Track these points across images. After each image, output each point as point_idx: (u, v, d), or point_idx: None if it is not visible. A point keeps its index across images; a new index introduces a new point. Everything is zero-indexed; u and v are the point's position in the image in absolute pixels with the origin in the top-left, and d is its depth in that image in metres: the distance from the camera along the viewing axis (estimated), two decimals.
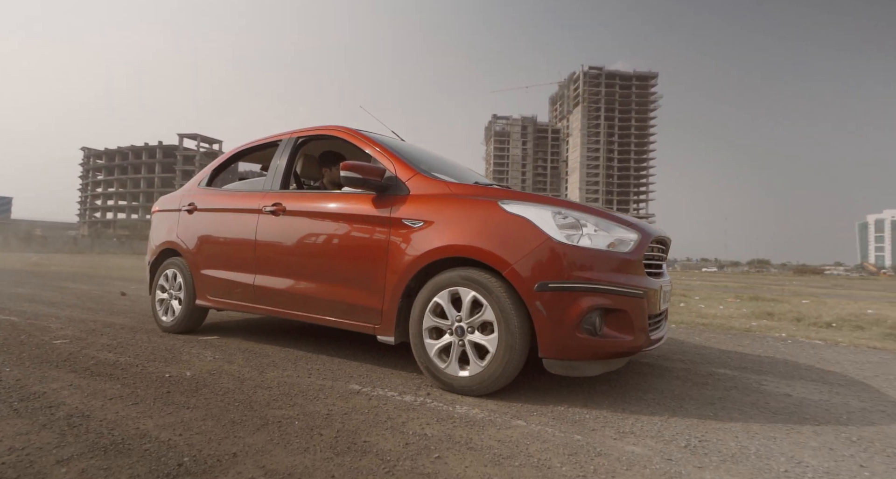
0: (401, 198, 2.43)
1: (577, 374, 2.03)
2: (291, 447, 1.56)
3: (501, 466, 1.47)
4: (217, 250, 3.23)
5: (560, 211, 2.09)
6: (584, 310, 1.94)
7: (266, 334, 3.58)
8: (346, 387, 2.27)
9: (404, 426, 1.76)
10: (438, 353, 2.20)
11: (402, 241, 2.34)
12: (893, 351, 3.80)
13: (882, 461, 1.62)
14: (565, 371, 2.02)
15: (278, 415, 1.86)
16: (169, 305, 3.50)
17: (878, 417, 2.09)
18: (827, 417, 2.07)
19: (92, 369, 2.43)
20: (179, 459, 1.45)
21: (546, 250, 1.99)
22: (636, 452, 1.60)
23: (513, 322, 1.99)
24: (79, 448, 1.51)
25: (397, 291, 2.33)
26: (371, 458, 1.50)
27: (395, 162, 2.57)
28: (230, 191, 3.46)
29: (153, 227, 3.82)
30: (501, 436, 1.70)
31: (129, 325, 3.78)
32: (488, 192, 2.29)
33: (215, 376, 2.39)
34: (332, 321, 2.62)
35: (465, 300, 2.11)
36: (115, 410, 1.86)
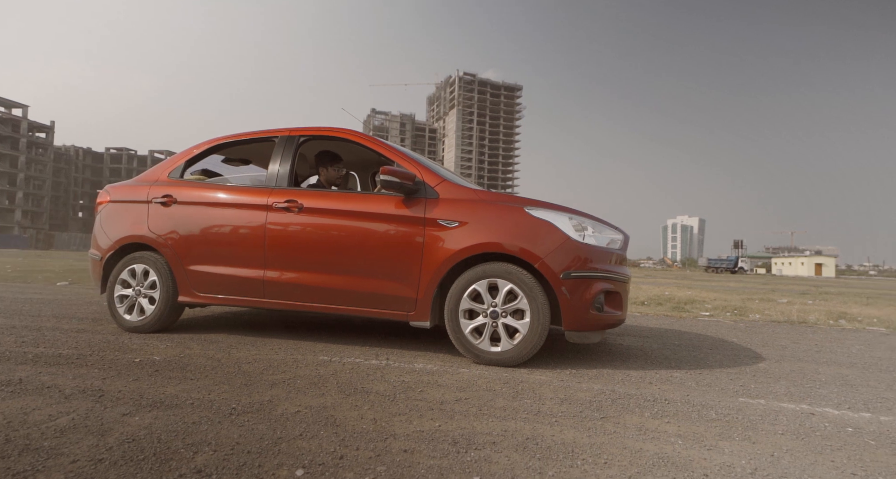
0: (432, 201, 2.87)
1: (587, 341, 2.71)
2: (310, 394, 2.05)
3: (465, 391, 2.16)
4: (211, 246, 3.25)
5: (571, 216, 2.79)
6: (596, 292, 2.66)
7: (199, 326, 3.76)
8: (317, 358, 2.74)
9: (385, 378, 2.34)
10: (471, 331, 2.74)
11: (438, 238, 2.79)
12: (678, 317, 5.43)
13: (652, 362, 2.69)
14: (580, 340, 2.70)
15: (278, 378, 2.29)
16: (135, 303, 3.41)
17: (666, 351, 3.26)
18: (640, 352, 3.16)
19: (63, 363, 2.53)
20: (228, 406, 1.86)
21: (568, 247, 2.66)
22: (540, 379, 2.42)
23: (543, 310, 2.61)
24: (129, 407, 1.82)
25: (434, 281, 2.77)
26: (374, 395, 2.07)
27: (420, 168, 3.00)
28: (222, 185, 3.46)
29: (105, 219, 3.62)
30: (457, 378, 2.39)
31: (47, 326, 3.62)
32: (511, 199, 2.87)
33: (186, 358, 2.65)
34: (362, 311, 2.94)
35: (503, 290, 2.66)
36: (123, 385, 2.12)
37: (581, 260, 2.67)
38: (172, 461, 1.39)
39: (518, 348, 2.64)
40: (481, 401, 2.02)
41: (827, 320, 5.96)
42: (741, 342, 3.82)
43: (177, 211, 3.41)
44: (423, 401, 2.00)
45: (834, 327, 5.26)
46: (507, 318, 2.68)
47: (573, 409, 1.93)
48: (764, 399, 2.14)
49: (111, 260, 3.54)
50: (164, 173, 3.63)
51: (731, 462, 1.44)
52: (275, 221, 3.14)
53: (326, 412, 1.83)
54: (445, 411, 1.88)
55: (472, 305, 2.74)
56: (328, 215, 3.06)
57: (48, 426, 1.61)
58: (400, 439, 1.59)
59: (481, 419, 1.80)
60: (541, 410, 1.91)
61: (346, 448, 1.50)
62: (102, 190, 3.81)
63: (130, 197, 3.59)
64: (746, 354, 3.30)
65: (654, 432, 1.69)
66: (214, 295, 3.27)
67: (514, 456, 1.46)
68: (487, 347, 2.71)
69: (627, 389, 2.27)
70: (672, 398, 2.12)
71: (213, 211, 3.32)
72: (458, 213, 2.82)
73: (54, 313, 4.27)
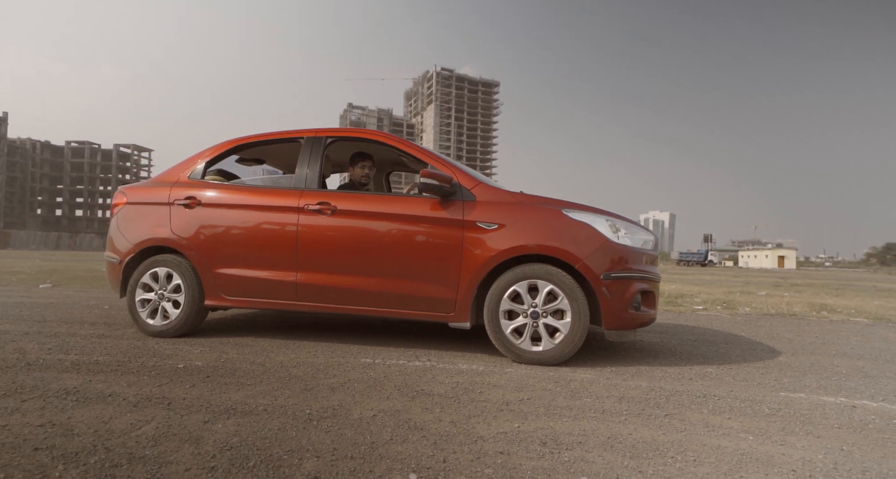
0: (470, 203, 2.91)
1: (625, 339, 2.79)
2: (375, 398, 2.09)
3: (522, 391, 2.23)
4: (239, 248, 3.22)
5: (607, 218, 2.87)
6: (634, 292, 2.75)
7: (219, 330, 3.72)
8: (359, 361, 2.77)
9: (437, 380, 2.39)
10: (512, 332, 2.80)
11: (477, 241, 2.83)
12: (676, 312, 5.69)
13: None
14: (618, 338, 2.79)
15: (333, 382, 2.31)
16: (158, 307, 3.34)
17: (686, 347, 3.41)
18: (664, 349, 3.31)
19: (106, 370, 2.48)
20: (302, 412, 1.88)
21: (607, 248, 2.74)
22: (586, 377, 2.52)
23: (584, 310, 2.68)
24: (205, 415, 1.82)
25: (474, 283, 2.82)
26: (438, 398, 2.12)
27: (455, 171, 3.03)
28: (248, 186, 3.41)
29: (123, 221, 3.52)
30: (507, 379, 2.46)
31: (63, 332, 3.52)
32: (548, 201, 2.94)
33: (228, 364, 2.64)
34: (400, 313, 2.97)
35: (543, 291, 2.73)
36: (184, 392, 2.11)
37: (619, 261, 2.77)
38: (283, 468, 1.41)
39: (559, 347, 2.72)
40: (543, 401, 2.09)
41: (811, 311, 6.28)
42: (749, 336, 4.01)
43: (201, 213, 3.35)
44: (488, 402, 2.06)
45: (822, 319, 5.56)
46: (548, 318, 2.76)
47: (634, 407, 2.03)
48: (803, 393, 2.29)
49: (131, 263, 3.46)
50: (183, 174, 3.55)
51: (810, 458, 1.54)
52: (307, 223, 3.14)
53: (402, 416, 1.87)
54: (515, 411, 1.95)
55: (512, 305, 2.80)
56: (363, 217, 3.07)
57: (137, 435, 1.61)
58: (488, 440, 1.64)
59: (554, 418, 1.87)
60: (604, 408, 2.00)
61: (443, 452, 1.55)
62: (118, 191, 3.70)
63: (150, 199, 3.51)
64: (760, 348, 3.48)
65: (721, 428, 1.80)
66: (243, 298, 3.25)
67: (607, 456, 1.54)
68: (529, 346, 2.78)
69: (673, 385, 2.38)
70: (718, 394, 2.24)
71: (241, 213, 3.29)
72: (496, 215, 2.88)
73: (59, 317, 4.14)
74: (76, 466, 1.38)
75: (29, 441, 1.54)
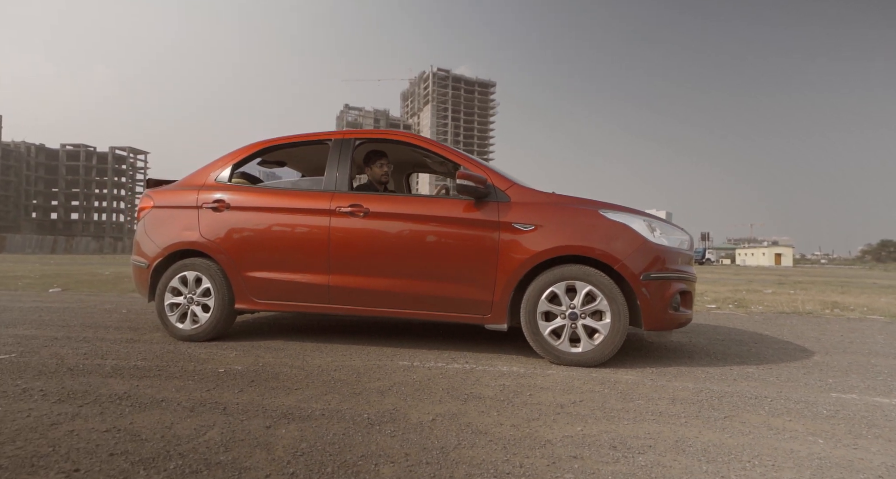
0: (504, 205, 2.90)
1: (664, 339, 2.80)
2: (427, 401, 2.07)
3: (572, 393, 2.22)
4: (270, 252, 3.20)
5: (644, 218, 2.87)
6: (673, 292, 2.75)
7: (245, 334, 3.70)
8: (397, 364, 2.76)
9: (482, 382, 2.38)
10: (549, 333, 2.79)
11: (514, 242, 2.83)
12: (693, 310, 5.64)
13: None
14: (657, 338, 2.80)
15: (380, 386, 2.30)
16: (187, 311, 3.32)
17: (718, 346, 3.41)
18: (696, 348, 3.30)
19: (150, 375, 2.46)
20: (360, 416, 1.87)
21: (646, 249, 2.74)
22: (630, 378, 2.51)
23: (623, 310, 2.68)
24: (264, 419, 1.80)
25: (511, 284, 2.81)
26: (490, 401, 2.10)
27: (488, 172, 3.02)
28: (277, 189, 3.40)
29: (151, 225, 3.50)
30: (551, 381, 2.45)
31: (91, 336, 3.49)
32: (583, 201, 2.93)
33: (268, 368, 2.62)
34: (435, 315, 2.96)
35: (582, 292, 2.72)
36: (235, 397, 2.09)
37: (658, 261, 2.76)
38: (362, 474, 1.40)
39: (600, 348, 2.71)
40: (596, 403, 2.08)
41: (824, 309, 6.30)
42: (775, 335, 4.02)
43: (231, 216, 3.34)
44: (541, 405, 2.05)
45: (839, 317, 5.58)
46: (586, 319, 2.75)
47: (689, 409, 2.02)
48: (854, 394, 2.28)
49: (159, 267, 3.43)
50: (210, 177, 3.54)
51: (892, 463, 1.53)
52: (339, 225, 3.12)
53: (461, 420, 1.86)
54: (573, 414, 1.94)
55: (550, 307, 2.80)
56: (396, 219, 3.06)
57: (206, 441, 1.59)
58: (557, 445, 1.64)
59: (613, 421, 1.87)
60: (660, 411, 1.99)
61: (516, 456, 1.54)
62: (144, 195, 3.68)
63: (178, 202, 3.49)
64: (790, 347, 3.49)
65: (787, 431, 1.79)
66: (274, 301, 3.24)
67: (682, 460, 1.53)
68: (567, 348, 2.77)
69: (720, 386, 2.38)
70: (769, 395, 2.23)
71: (272, 216, 3.28)
72: (532, 216, 2.87)
73: (82, 322, 4.11)
74: (157, 472, 1.37)
75: (102, 447, 1.53)
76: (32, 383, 2.24)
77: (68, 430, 1.67)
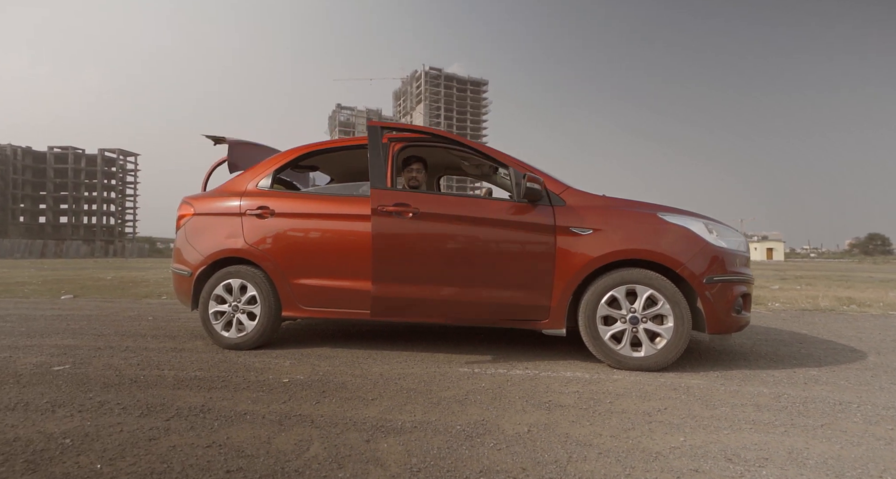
0: (560, 208, 2.87)
1: (725, 342, 2.76)
2: (510, 410, 2.04)
3: (650, 400, 2.19)
4: (319, 258, 3.15)
5: (703, 220, 2.86)
6: (736, 295, 2.73)
7: (290, 342, 3.66)
8: (458, 370, 2.72)
9: (554, 389, 2.35)
10: (610, 337, 2.76)
11: (571, 246, 2.80)
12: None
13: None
14: (719, 342, 2.80)
15: (453, 395, 2.26)
16: (233, 319, 3.26)
17: (764, 347, 3.41)
18: (743, 350, 3.30)
19: (215, 387, 2.41)
20: (452, 428, 1.83)
21: (707, 252, 2.74)
22: (699, 383, 2.50)
23: (686, 314, 2.66)
24: (360, 433, 1.76)
25: (570, 289, 2.79)
26: (574, 410, 2.07)
27: (541, 176, 2.96)
28: (322, 195, 3.36)
29: (192, 232, 3.43)
30: (622, 386, 2.42)
31: (133, 346, 3.42)
32: (640, 204, 2.91)
33: (329, 377, 2.57)
34: (490, 320, 2.92)
35: (643, 296, 2.71)
36: (314, 409, 2.05)
37: (720, 264, 2.75)
38: None
39: (662, 353, 2.70)
40: (682, 411, 2.05)
41: (841, 305, 6.33)
42: (814, 334, 4.02)
43: (276, 223, 3.28)
44: (627, 413, 2.03)
45: (863, 313, 5.60)
46: (647, 323, 2.74)
47: (781, 416, 1.99)
48: None
49: (203, 275, 3.37)
50: (251, 183, 3.47)
51: None
52: (387, 229, 3.07)
53: (557, 430, 1.83)
54: (665, 423, 1.91)
55: (609, 311, 2.78)
56: (447, 222, 2.96)
57: (313, 457, 1.55)
58: (669, 457, 1.61)
59: (711, 431, 1.84)
60: (752, 419, 1.97)
61: (635, 470, 1.51)
62: (183, 202, 3.61)
63: (220, 209, 3.43)
64: (837, 346, 3.48)
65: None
66: (322, 308, 3.19)
67: (810, 475, 1.49)
68: (629, 352, 2.75)
69: (796, 391, 2.36)
70: (851, 400, 2.21)
71: (318, 222, 3.23)
72: (590, 220, 2.85)
73: (115, 331, 4.03)
74: None
75: (214, 463, 1.49)
76: (104, 396, 2.18)
77: (169, 445, 1.62)
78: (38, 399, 2.14)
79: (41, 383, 2.41)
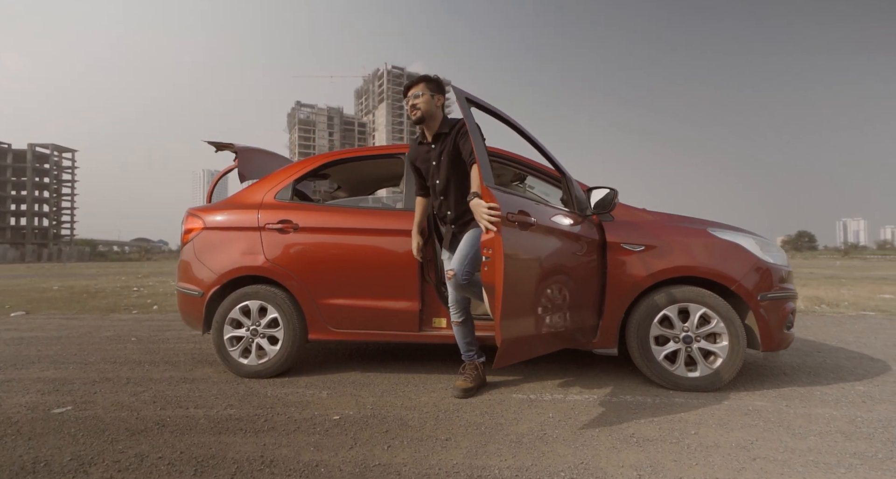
0: (608, 224, 2.79)
1: (774, 360, 2.74)
2: (603, 448, 1.90)
3: (729, 428, 2.10)
4: (350, 276, 2.91)
5: (753, 237, 2.81)
6: (788, 312, 2.72)
7: (310, 367, 3.39)
8: (512, 397, 2.57)
9: (622, 418, 2.23)
10: (663, 358, 2.67)
11: (622, 263, 2.72)
12: None
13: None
14: (770, 359, 2.80)
15: (528, 430, 2.09)
16: (251, 345, 2.96)
17: (796, 359, 3.45)
18: (779, 363, 3.33)
19: (261, 429, 2.14)
20: (561, 474, 1.68)
21: (760, 268, 2.70)
22: (760, 405, 2.45)
23: (741, 332, 2.60)
24: None
25: (622, 307, 2.70)
26: (661, 444, 1.94)
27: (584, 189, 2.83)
28: (351, 208, 3.11)
29: (203, 248, 3.09)
30: (689, 409, 2.33)
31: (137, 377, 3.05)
32: (690, 220, 2.85)
33: (382, 411, 2.34)
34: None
35: (696, 314, 2.63)
36: (390, 455, 1.84)
37: (772, 280, 2.74)
38: None
39: (718, 372, 2.64)
40: (776, 444, 1.96)
41: (813, 306, 6.56)
42: (819, 340, 4.07)
43: (301, 238, 3.01)
44: (723, 447, 1.92)
45: (838, 314, 5.71)
46: (701, 342, 2.68)
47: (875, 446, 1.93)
48: None
49: (216, 296, 3.05)
50: (268, 194, 3.17)
51: None
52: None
53: (669, 474, 1.69)
54: (770, 460, 1.80)
55: (662, 330, 2.71)
56: (554, 235, 2.66)
57: None
58: None
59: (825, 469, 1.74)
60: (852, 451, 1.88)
61: None
62: (189, 214, 3.25)
63: (234, 223, 3.11)
64: (854, 355, 3.54)
65: None
66: (354, 330, 2.96)
67: None
68: (684, 373, 2.68)
69: (863, 412, 2.33)
70: None
71: (351, 238, 2.99)
72: (640, 236, 2.78)
73: (101, 357, 3.62)
74: None
75: None
76: (137, 446, 1.88)
77: None
78: (58, 456, 1.81)
79: (49, 432, 2.06)
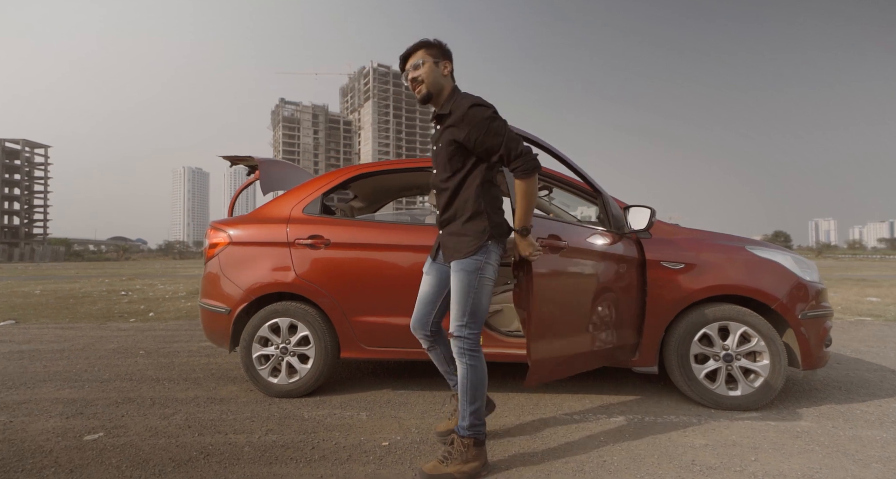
0: (646, 241, 2.77)
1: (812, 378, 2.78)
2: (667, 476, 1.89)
3: (784, 453, 2.09)
4: (386, 293, 2.84)
5: (790, 254, 2.83)
6: (826, 330, 2.72)
7: (336, 384, 3.31)
8: (557, 417, 2.53)
9: (675, 441, 2.20)
10: (704, 376, 2.65)
11: (663, 280, 2.71)
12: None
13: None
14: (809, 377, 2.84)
15: (589, 458, 2.06)
16: (281, 363, 2.87)
17: (833, 372, 3.48)
18: (815, 378, 3.35)
19: (319, 457, 2.06)
20: None
21: (800, 287, 2.71)
22: (809, 426, 2.46)
23: (782, 350, 2.60)
24: None
25: (662, 325, 2.69)
26: (726, 472, 1.91)
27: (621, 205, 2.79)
28: (385, 223, 3.04)
29: (229, 264, 2.98)
30: (739, 433, 2.30)
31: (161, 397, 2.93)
32: (728, 237, 2.85)
33: (425, 434, 2.29)
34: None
35: (737, 333, 2.63)
36: None
37: (811, 298, 2.74)
38: None
39: (760, 391, 2.64)
40: (841, 472, 1.93)
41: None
42: (833, 350, 4.13)
43: (333, 254, 2.92)
44: (786, 476, 1.89)
45: (837, 320, 5.80)
46: (741, 360, 2.68)
47: None
48: None
49: (243, 313, 2.95)
50: (296, 208, 3.06)
51: None
52: None
53: None
54: None
55: (702, 348, 2.70)
56: (587, 257, 2.64)
57: None
58: None
59: None
60: None
61: None
62: (212, 228, 3.12)
63: (262, 238, 3.00)
64: (873, 367, 3.58)
65: None
66: (389, 348, 2.89)
67: None
68: (725, 392, 2.67)
69: None
70: None
71: (384, 254, 2.90)
72: (679, 253, 2.77)
73: (115, 374, 3.48)
74: None
75: None
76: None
77: None
78: None
79: (89, 463, 1.95)
